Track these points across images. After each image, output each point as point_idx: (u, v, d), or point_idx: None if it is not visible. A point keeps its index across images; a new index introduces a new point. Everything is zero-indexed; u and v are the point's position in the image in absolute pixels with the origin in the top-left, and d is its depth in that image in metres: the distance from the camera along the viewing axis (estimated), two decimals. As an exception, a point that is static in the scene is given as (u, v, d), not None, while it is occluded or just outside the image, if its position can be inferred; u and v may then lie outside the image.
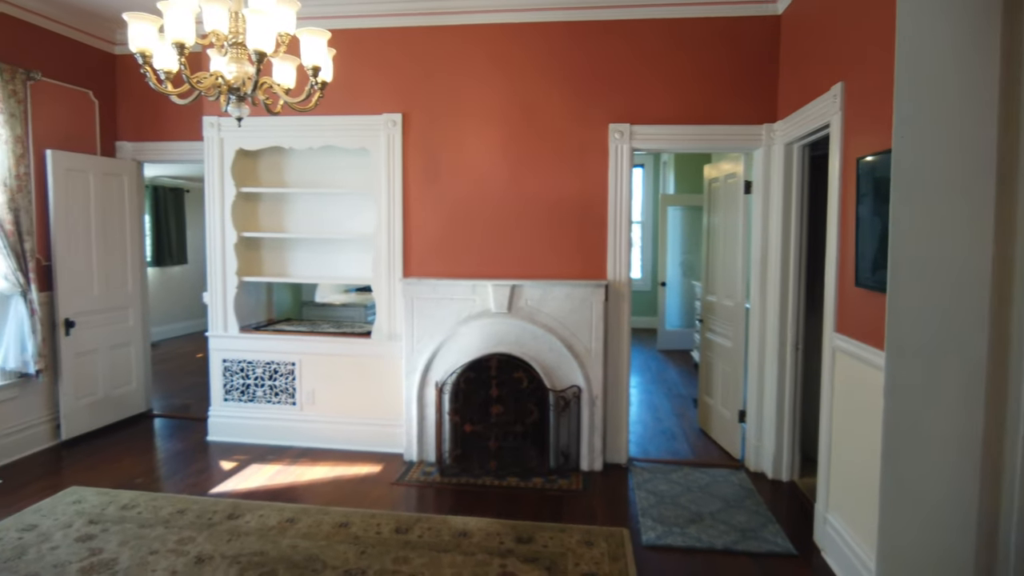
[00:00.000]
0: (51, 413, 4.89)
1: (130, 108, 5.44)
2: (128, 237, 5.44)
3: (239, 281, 4.95)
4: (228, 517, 3.66)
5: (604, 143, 4.47)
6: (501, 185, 4.60)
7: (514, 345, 4.39)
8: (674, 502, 3.95)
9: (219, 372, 5.00)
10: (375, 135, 4.67)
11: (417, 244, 4.70)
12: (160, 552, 3.27)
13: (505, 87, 4.56)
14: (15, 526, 3.53)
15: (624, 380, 4.52)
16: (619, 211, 4.45)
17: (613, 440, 4.54)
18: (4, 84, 4.33)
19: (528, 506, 3.90)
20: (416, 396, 4.50)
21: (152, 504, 3.82)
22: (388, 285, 4.72)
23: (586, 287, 4.33)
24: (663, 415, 5.84)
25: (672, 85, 4.41)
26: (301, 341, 4.88)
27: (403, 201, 4.67)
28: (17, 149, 4.41)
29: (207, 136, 4.89)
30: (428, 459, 4.55)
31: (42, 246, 4.73)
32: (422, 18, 4.59)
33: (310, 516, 3.69)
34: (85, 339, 5.02)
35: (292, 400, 4.90)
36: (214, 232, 4.93)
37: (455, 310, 4.46)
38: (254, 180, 5.07)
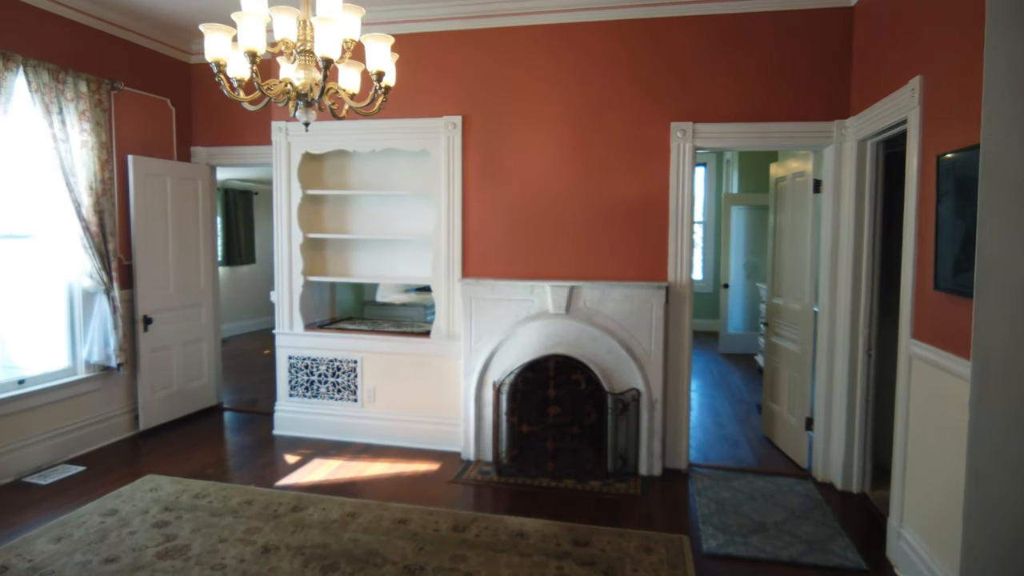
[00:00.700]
0: (130, 405, 5.16)
1: (204, 115, 5.69)
2: (201, 238, 5.69)
3: (304, 280, 5.10)
4: (292, 509, 3.78)
5: (666, 142, 4.39)
6: (560, 185, 4.58)
7: (572, 346, 4.36)
8: (736, 510, 3.84)
9: (285, 368, 5.17)
10: (435, 137, 4.73)
11: (476, 245, 4.73)
12: (229, 540, 3.40)
13: (564, 87, 4.54)
14: (98, 511, 3.74)
15: (685, 384, 4.43)
16: (681, 211, 4.37)
17: (673, 445, 4.45)
18: (91, 94, 4.59)
19: (585, 509, 3.87)
20: (474, 395, 4.53)
21: (222, 494, 3.98)
22: (447, 285, 4.77)
23: (646, 289, 4.26)
24: (725, 420, 5.70)
25: (737, 82, 4.29)
26: (363, 339, 5.00)
27: (462, 202, 4.72)
28: (102, 155, 4.68)
29: (275, 140, 5.06)
30: (485, 458, 4.58)
31: (123, 246, 4.99)
32: (481, 20, 4.62)
33: (370, 511, 3.76)
34: (161, 335, 5.27)
35: (354, 397, 5.02)
36: (281, 233, 5.10)
37: (513, 311, 4.47)
38: (319, 183, 5.22)
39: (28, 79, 4.16)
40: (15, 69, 4.04)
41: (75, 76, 4.47)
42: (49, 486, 4.14)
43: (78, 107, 4.50)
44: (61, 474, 4.33)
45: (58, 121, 4.35)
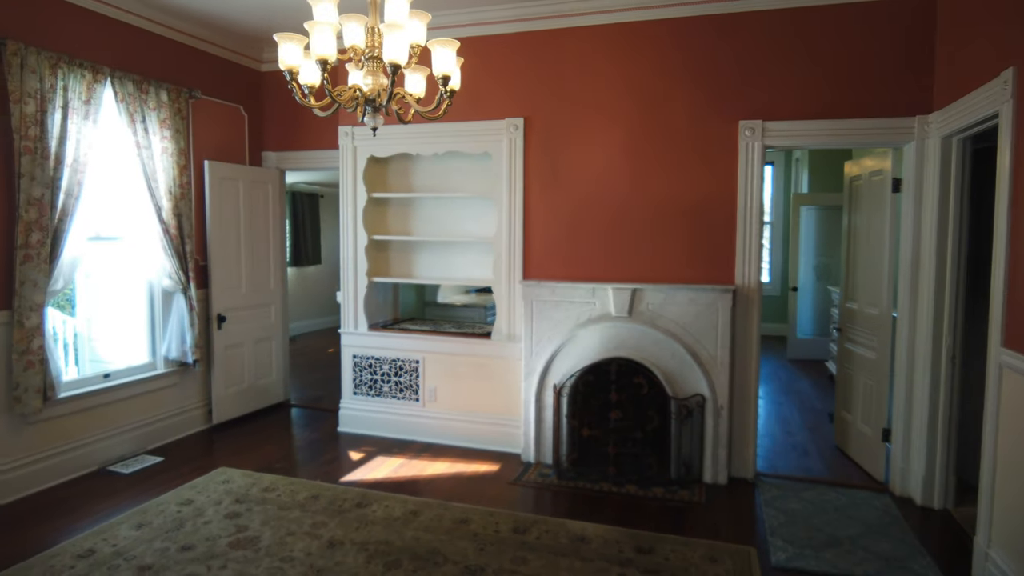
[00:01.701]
0: (204, 399, 5.39)
1: (274, 121, 5.89)
2: (271, 239, 5.89)
3: (369, 281, 5.21)
4: (357, 505, 3.86)
5: (733, 141, 4.27)
6: (622, 186, 4.52)
7: (634, 350, 4.29)
8: (807, 523, 3.70)
9: (349, 367, 5.29)
10: (497, 139, 4.75)
11: (537, 246, 4.72)
12: (297, 534, 3.50)
13: (628, 86, 4.48)
14: (175, 500, 3.92)
15: (752, 390, 4.30)
16: (749, 212, 4.24)
17: (739, 453, 4.32)
18: (171, 103, 4.82)
19: (647, 516, 3.80)
20: (534, 397, 4.52)
21: (290, 488, 4.10)
22: (508, 287, 4.78)
23: (712, 292, 4.15)
24: (794, 429, 5.49)
25: (809, 77, 4.13)
26: (424, 340, 5.06)
27: (524, 204, 4.72)
28: (180, 161, 4.90)
29: (342, 145, 5.19)
30: (545, 461, 4.56)
31: (199, 248, 5.22)
32: (542, 22, 4.61)
33: (432, 510, 3.80)
34: (234, 333, 5.49)
35: (415, 396, 5.10)
36: (347, 235, 5.22)
37: (574, 313, 4.44)
38: (383, 186, 5.32)
39: (115, 90, 4.40)
40: (103, 81, 4.28)
41: (157, 86, 4.70)
42: (131, 475, 4.37)
43: (159, 115, 4.73)
44: (141, 464, 4.55)
45: (141, 129, 4.59)
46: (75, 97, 4.10)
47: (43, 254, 3.95)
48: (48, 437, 4.16)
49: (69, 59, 4.06)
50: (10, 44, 3.75)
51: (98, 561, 3.19)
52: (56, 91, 3.98)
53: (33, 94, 3.85)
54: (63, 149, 4.02)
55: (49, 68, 3.94)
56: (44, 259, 3.96)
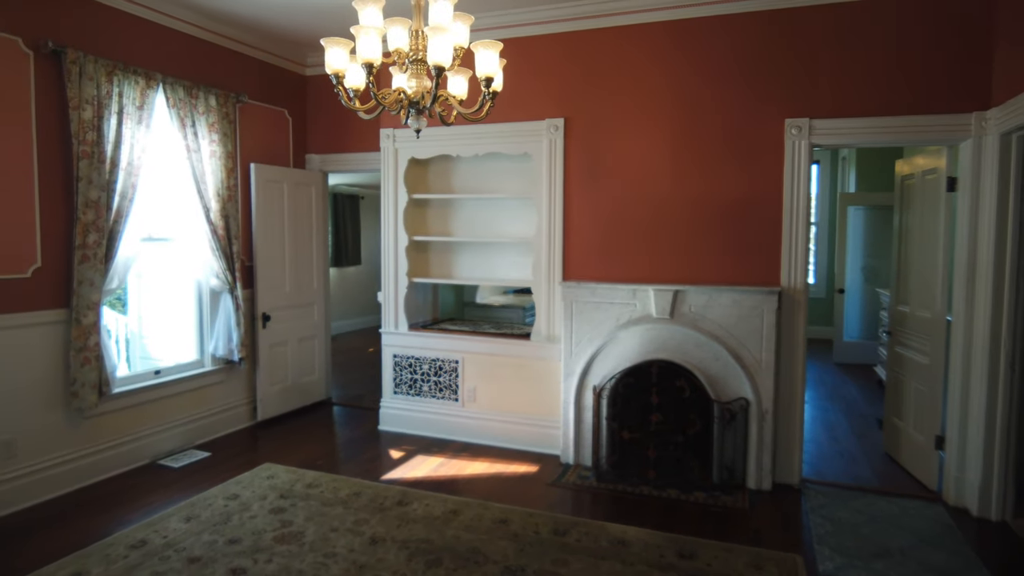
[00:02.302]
0: (249, 397, 5.52)
1: (317, 123, 6.00)
2: (314, 240, 6.00)
3: (409, 282, 5.27)
4: (398, 503, 3.90)
5: (779, 140, 4.18)
6: (664, 186, 4.47)
7: (676, 352, 4.24)
8: (855, 532, 3.59)
9: (390, 366, 5.35)
10: (537, 140, 4.74)
11: (577, 247, 4.70)
12: (340, 530, 3.55)
13: (670, 85, 4.43)
14: (222, 494, 4.02)
15: (798, 395, 4.20)
16: (795, 212, 4.14)
17: (784, 458, 4.23)
18: (219, 107, 4.95)
19: (689, 520, 3.75)
20: (574, 399, 4.50)
21: (332, 485, 4.17)
22: (548, 288, 4.77)
23: (756, 294, 4.07)
24: (840, 435, 5.35)
25: (858, 74, 4.02)
26: (464, 340, 5.09)
27: (563, 204, 4.70)
28: (228, 164, 5.03)
29: (383, 147, 5.25)
30: (584, 463, 4.54)
31: (245, 248, 5.35)
32: (584, 22, 4.59)
33: (471, 510, 3.82)
34: (278, 332, 5.60)
35: (455, 396, 5.12)
36: (388, 236, 5.28)
37: (615, 314, 4.40)
38: (424, 187, 5.37)
39: (166, 95, 4.53)
40: (156, 87, 4.42)
41: (206, 91, 4.84)
42: (180, 469, 4.49)
43: (208, 120, 4.86)
44: (190, 458, 4.68)
45: (191, 133, 4.72)
46: (129, 103, 4.24)
47: (99, 254, 4.09)
48: (103, 431, 4.31)
49: (124, 66, 4.20)
50: (70, 52, 3.90)
51: (150, 552, 3.29)
52: (112, 97, 4.12)
53: (90, 100, 4.00)
54: (118, 153, 4.16)
55: (105, 75, 4.09)
56: (100, 259, 4.10)
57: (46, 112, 3.90)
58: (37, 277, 3.90)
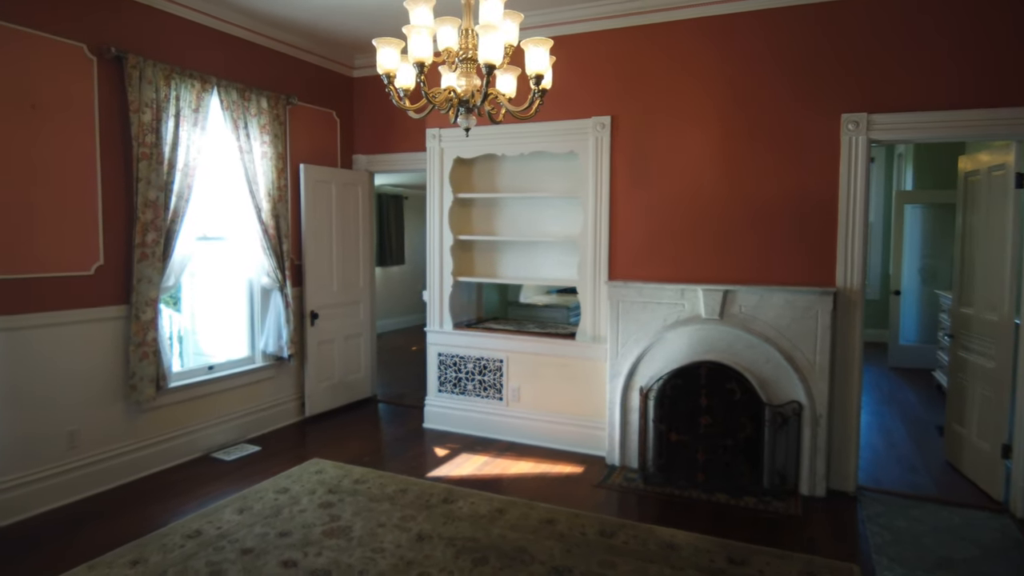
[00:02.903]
0: (298, 393, 5.63)
1: (364, 124, 6.08)
2: (360, 240, 6.08)
3: (454, 281, 5.29)
4: (443, 501, 3.91)
5: (834, 136, 4.05)
6: (713, 184, 4.38)
7: (725, 354, 4.15)
8: (916, 542, 3.46)
9: (435, 365, 5.39)
10: (583, 139, 4.71)
11: (623, 246, 4.65)
12: (387, 526, 3.59)
13: (719, 81, 4.34)
14: (272, 488, 4.10)
15: (854, 399, 4.06)
16: (852, 211, 4.01)
17: (839, 464, 4.09)
18: (270, 109, 5.06)
19: (739, 526, 3.66)
20: (620, 400, 4.45)
21: (379, 481, 4.21)
22: (593, 287, 4.73)
23: (810, 294, 3.96)
24: (898, 441, 5.16)
25: (920, 65, 3.86)
26: (508, 339, 5.08)
27: (610, 203, 4.65)
28: (279, 164, 5.14)
29: (429, 147, 5.29)
30: (631, 465, 4.48)
31: (295, 247, 5.45)
32: (632, 18, 4.53)
33: (517, 509, 3.81)
34: (326, 329, 5.70)
35: (499, 395, 5.13)
36: (433, 235, 5.32)
37: (662, 314, 4.34)
38: (468, 186, 5.38)
39: (220, 98, 4.65)
40: (211, 90, 4.54)
41: (258, 93, 4.95)
42: (232, 462, 4.61)
43: (260, 121, 4.97)
44: (241, 452, 4.80)
45: (244, 135, 4.83)
46: (186, 105, 4.36)
47: (157, 253, 4.23)
48: (159, 424, 4.45)
49: (181, 70, 4.32)
50: (130, 58, 4.04)
51: (204, 542, 3.38)
52: (169, 100, 4.25)
53: (149, 104, 4.13)
54: (175, 154, 4.29)
55: (163, 79, 4.21)
56: (158, 257, 4.23)
57: (108, 116, 4.05)
58: (99, 274, 4.05)
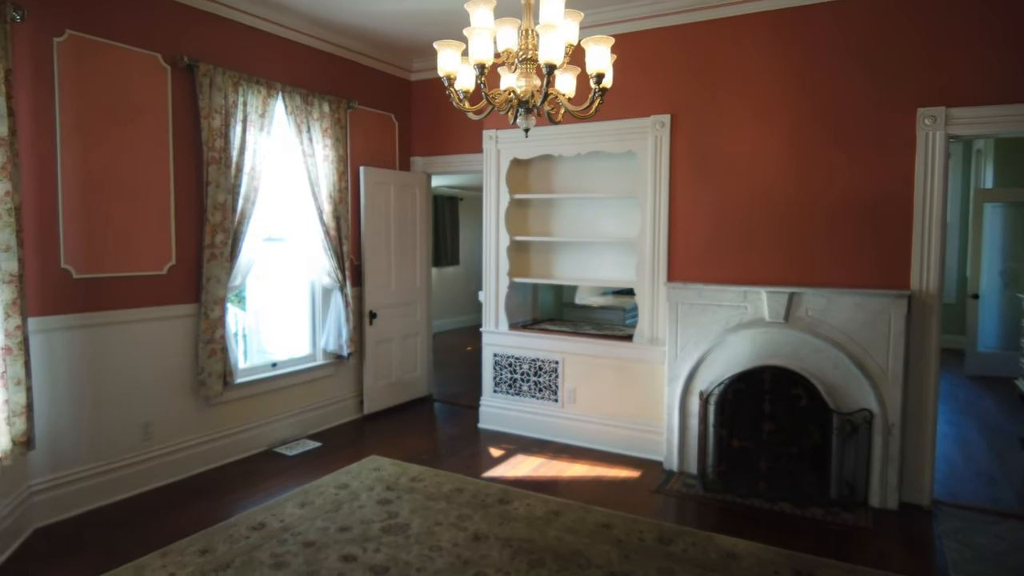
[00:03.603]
0: (356, 391, 5.74)
1: (421, 127, 6.15)
2: (417, 241, 6.16)
3: (510, 281, 5.30)
4: (499, 501, 3.92)
5: (909, 131, 3.86)
6: (778, 183, 4.24)
7: (791, 358, 4.01)
8: (998, 560, 3.26)
9: (490, 365, 5.40)
10: (642, 138, 4.64)
11: (683, 247, 4.55)
12: (443, 524, 3.61)
13: (784, 77, 4.20)
14: (332, 483, 4.19)
15: (930, 408, 3.86)
16: (929, 210, 3.81)
17: (912, 476, 3.90)
18: (332, 113, 5.18)
19: (804, 537, 3.53)
20: (678, 404, 4.36)
21: (435, 479, 4.25)
22: (651, 289, 4.65)
23: (883, 298, 3.78)
24: (977, 453, 4.88)
25: (1001, 55, 3.64)
26: (564, 341, 5.05)
27: (669, 203, 4.57)
28: (340, 167, 5.25)
29: (486, 148, 5.31)
30: (689, 471, 4.38)
31: (354, 248, 5.56)
32: (692, 14, 4.44)
33: (573, 512, 3.78)
34: (384, 329, 5.79)
35: (554, 397, 5.10)
36: (490, 236, 5.34)
37: (723, 317, 4.22)
38: (524, 187, 5.38)
39: (285, 103, 4.79)
40: (276, 95, 4.68)
41: (320, 98, 5.07)
42: (293, 457, 4.73)
43: (322, 125, 5.09)
44: (303, 448, 4.92)
45: (307, 138, 4.96)
46: (252, 111, 4.51)
47: (225, 253, 4.38)
48: (225, 418, 4.61)
49: (248, 77, 4.47)
50: (202, 66, 4.20)
51: (268, 534, 3.48)
52: (237, 106, 4.40)
53: (219, 109, 4.28)
54: (242, 158, 4.44)
55: (232, 85, 4.37)
56: (226, 258, 4.39)
57: (180, 122, 4.22)
58: (172, 274, 4.22)
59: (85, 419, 3.79)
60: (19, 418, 3.11)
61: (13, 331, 3.04)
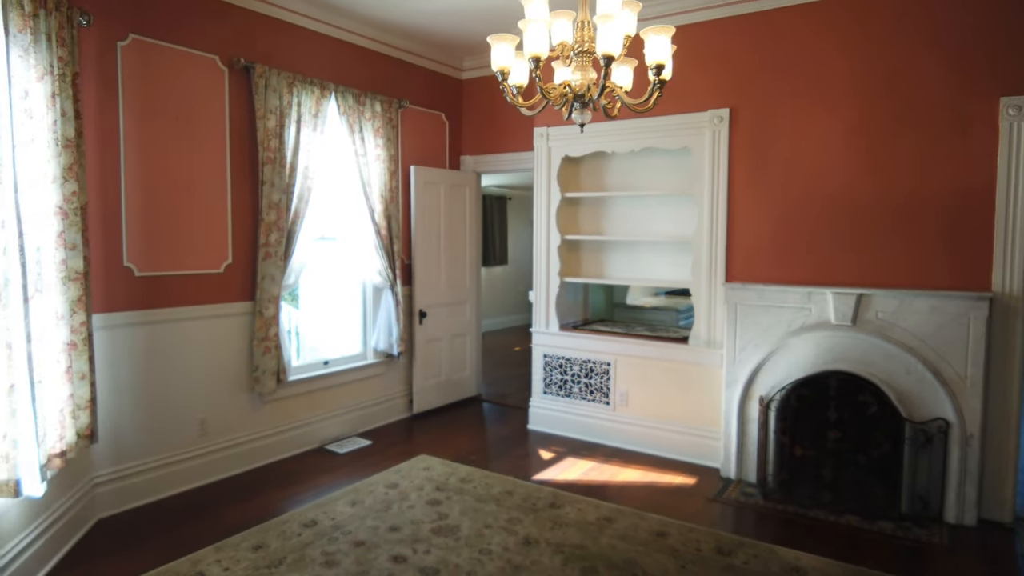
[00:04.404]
0: (406, 390, 5.75)
1: (471, 126, 6.13)
2: (468, 240, 6.13)
3: (561, 281, 5.21)
4: (550, 505, 3.84)
5: (991, 122, 3.61)
6: (844, 178, 4.03)
7: (858, 364, 3.81)
8: (1092, 586, 3.01)
9: (540, 366, 5.33)
10: (699, 133, 4.49)
11: (742, 246, 4.39)
12: (493, 527, 3.56)
13: (851, 67, 3.99)
14: (383, 482, 4.19)
15: (1013, 418, 3.60)
16: (1013, 205, 3.55)
17: (993, 491, 3.65)
18: (383, 113, 5.19)
19: (872, 553, 3.33)
20: (737, 409, 4.20)
21: (485, 481, 4.20)
22: (708, 290, 4.50)
23: (962, 300, 3.55)
24: (1061, 467, 4.55)
25: (1101, 39, 3.37)
26: (616, 342, 4.94)
27: (727, 200, 4.41)
28: (391, 166, 5.26)
29: (537, 146, 5.24)
30: (748, 478, 4.21)
31: (405, 247, 5.57)
32: (750, 4, 4.27)
33: (626, 518, 3.67)
34: (433, 328, 5.78)
35: (606, 399, 4.99)
36: (540, 235, 5.26)
37: (785, 319, 4.05)
38: (576, 185, 5.29)
39: (337, 103, 4.82)
40: (329, 96, 4.72)
41: (371, 98, 5.09)
42: (345, 455, 4.76)
43: (374, 125, 5.11)
44: (353, 445, 4.95)
45: (359, 138, 4.99)
46: (306, 111, 4.55)
47: (279, 252, 4.43)
48: (278, 415, 4.67)
49: (302, 78, 4.52)
50: (257, 67, 4.26)
51: (320, 532, 3.49)
52: (292, 107, 4.44)
53: (273, 110, 4.33)
54: (296, 158, 4.48)
55: (286, 86, 4.41)
56: (280, 257, 4.44)
57: (237, 123, 4.29)
58: (228, 272, 4.29)
59: (145, 413, 3.88)
60: (83, 412, 3.19)
61: (78, 327, 3.13)
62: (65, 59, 3.05)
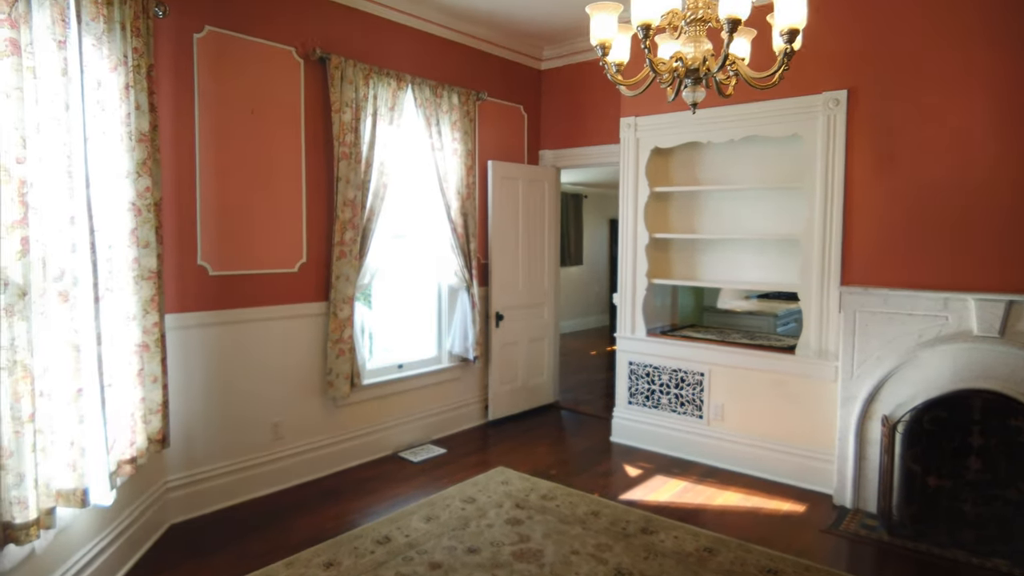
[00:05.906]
0: (481, 395, 5.49)
1: (551, 119, 5.82)
2: (546, 239, 5.82)
3: (648, 283, 4.82)
4: (642, 531, 3.48)
5: None
6: (988, 165, 3.47)
7: (1007, 382, 3.26)
8: None
9: (625, 374, 4.95)
10: (810, 118, 4.01)
11: (861, 246, 3.88)
12: (581, 554, 3.23)
13: (992, 39, 3.42)
14: (459, 496, 3.93)
15: None
16: None
17: None
18: (460, 106, 4.95)
19: (1035, 608, 2.82)
20: (854, 429, 3.71)
21: (568, 499, 3.88)
22: (820, 294, 4.01)
23: None
24: None
25: None
26: (711, 350, 4.51)
27: (844, 194, 3.91)
28: (467, 162, 5.02)
29: (623, 137, 4.86)
30: (867, 509, 3.72)
31: (481, 247, 5.31)
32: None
33: (730, 550, 3.27)
34: (510, 331, 5.50)
35: (699, 413, 4.57)
36: (626, 233, 4.89)
37: (915, 329, 3.53)
38: (665, 179, 4.89)
39: (414, 96, 4.61)
40: (405, 88, 4.51)
41: (449, 90, 4.86)
42: (419, 463, 4.54)
43: (451, 118, 4.88)
44: (428, 453, 4.73)
45: (435, 132, 4.76)
46: (382, 104, 4.35)
47: (354, 251, 4.25)
48: (352, 420, 4.49)
49: (378, 69, 4.32)
50: (333, 59, 4.09)
51: (393, 550, 3.26)
52: (368, 100, 4.26)
53: (349, 103, 4.15)
54: (372, 153, 4.29)
55: (363, 78, 4.23)
56: (355, 255, 4.26)
57: (312, 117, 4.13)
58: (303, 272, 4.14)
59: (217, 417, 3.76)
60: (155, 416, 3.07)
61: (151, 328, 3.01)
62: (140, 50, 2.94)
